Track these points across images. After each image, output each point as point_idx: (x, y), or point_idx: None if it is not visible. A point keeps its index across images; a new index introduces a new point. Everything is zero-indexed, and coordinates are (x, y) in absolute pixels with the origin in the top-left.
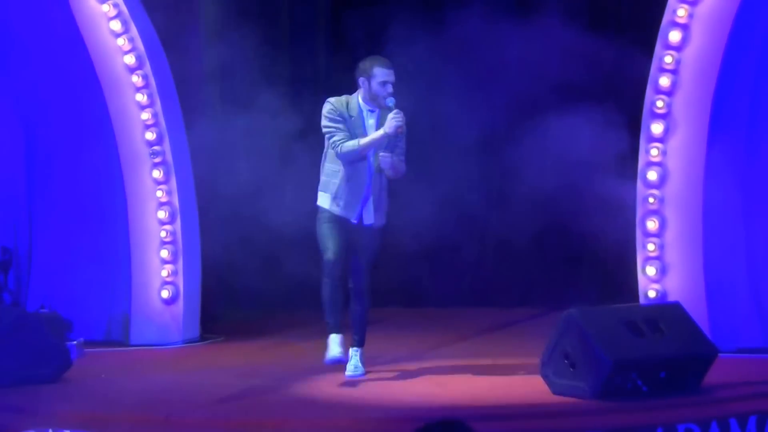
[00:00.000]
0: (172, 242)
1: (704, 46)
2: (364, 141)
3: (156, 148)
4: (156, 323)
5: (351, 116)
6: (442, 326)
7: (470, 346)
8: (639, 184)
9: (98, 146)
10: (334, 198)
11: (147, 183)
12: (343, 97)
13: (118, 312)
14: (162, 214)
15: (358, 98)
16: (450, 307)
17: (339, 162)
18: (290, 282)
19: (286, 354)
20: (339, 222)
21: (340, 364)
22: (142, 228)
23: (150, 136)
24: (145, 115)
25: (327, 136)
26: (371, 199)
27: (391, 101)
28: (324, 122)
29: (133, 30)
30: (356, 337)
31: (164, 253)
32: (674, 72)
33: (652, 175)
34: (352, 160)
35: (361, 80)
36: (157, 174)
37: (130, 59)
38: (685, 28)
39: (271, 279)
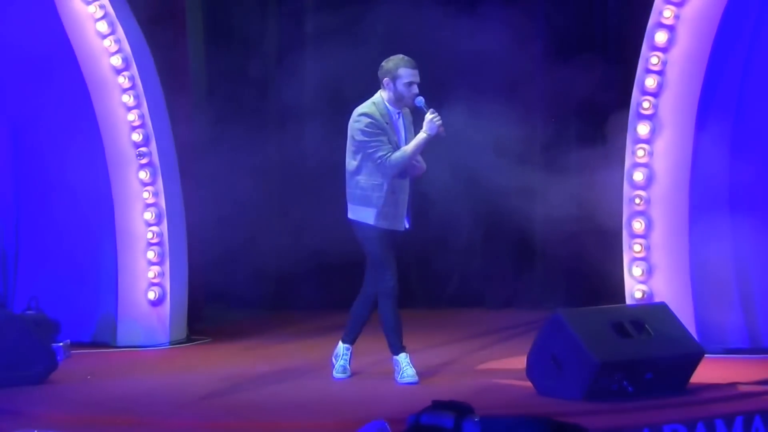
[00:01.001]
0: (159, 243)
1: (690, 47)
2: (409, 149)
3: (143, 149)
4: (142, 324)
5: (387, 123)
6: (428, 327)
7: (457, 347)
8: (625, 185)
9: (85, 147)
10: (381, 212)
11: (133, 184)
12: (373, 105)
13: (104, 313)
14: (148, 216)
15: (384, 102)
16: (436, 308)
17: (379, 174)
18: (277, 283)
19: (272, 355)
20: (388, 236)
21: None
22: (129, 229)
23: (136, 137)
24: (132, 117)
25: (369, 151)
26: (407, 206)
27: (420, 101)
28: (361, 137)
29: (120, 31)
30: (395, 344)
31: (151, 255)
32: (660, 73)
33: (639, 176)
34: (401, 171)
35: (385, 81)
36: (143, 175)
37: (116, 60)
38: (671, 29)
39: (258, 280)
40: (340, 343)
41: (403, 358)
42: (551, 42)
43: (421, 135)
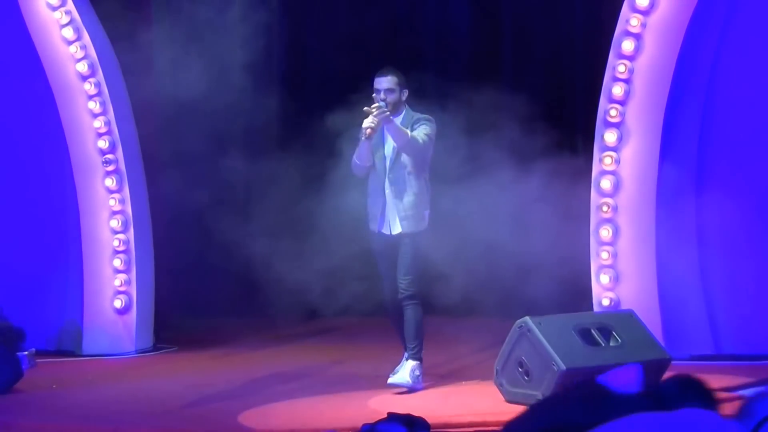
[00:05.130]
0: (125, 251)
1: (657, 55)
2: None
3: (109, 156)
4: (108, 333)
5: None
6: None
7: (426, 355)
8: (592, 192)
9: (50, 154)
10: (367, 216)
11: (100, 192)
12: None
13: (69, 322)
14: (115, 223)
15: None
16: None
17: (370, 179)
18: (245, 290)
19: (239, 363)
20: (381, 244)
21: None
22: (95, 237)
23: (102, 144)
24: (98, 123)
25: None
26: (393, 207)
27: (382, 105)
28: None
29: (86, 37)
30: (407, 350)
31: (117, 263)
32: (627, 81)
33: (606, 184)
34: (360, 169)
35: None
36: (109, 183)
37: (82, 67)
38: (638, 37)
39: (226, 287)
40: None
41: (406, 363)
42: (517, 50)
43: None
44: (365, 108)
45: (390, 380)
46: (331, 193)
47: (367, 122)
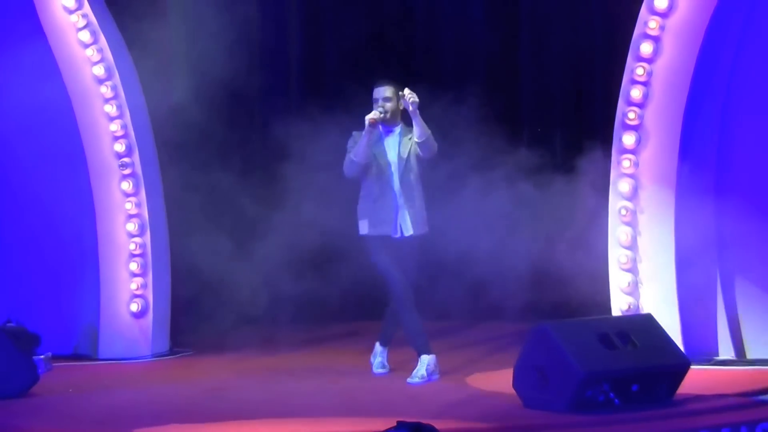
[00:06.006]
0: (142, 255)
1: (676, 58)
2: (360, 143)
3: (125, 159)
4: (125, 337)
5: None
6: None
7: (443, 359)
8: (611, 195)
9: (66, 157)
10: (369, 221)
11: (116, 195)
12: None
13: (86, 325)
14: (131, 227)
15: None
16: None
17: (367, 186)
18: (261, 295)
19: (255, 368)
20: (385, 245)
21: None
22: (111, 241)
23: (119, 147)
24: (114, 127)
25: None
26: (405, 211)
27: (381, 111)
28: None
29: (102, 40)
30: (416, 350)
31: (133, 266)
32: (646, 84)
33: (624, 187)
34: (355, 168)
35: None
36: (126, 186)
37: (98, 70)
38: (656, 40)
39: (243, 292)
40: (377, 344)
41: (423, 359)
42: (536, 52)
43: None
44: (367, 116)
45: (409, 380)
46: (350, 197)
47: (371, 114)
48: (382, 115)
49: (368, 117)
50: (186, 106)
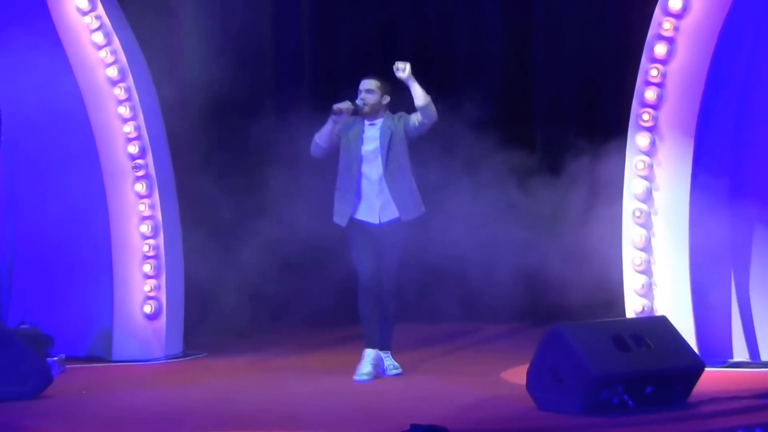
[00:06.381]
0: (155, 257)
1: (690, 59)
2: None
3: (139, 161)
4: (138, 339)
5: (350, 131)
6: (426, 341)
7: (455, 360)
8: (625, 197)
9: (80, 159)
10: (336, 210)
11: (129, 197)
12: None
13: (100, 327)
14: (145, 228)
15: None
16: (434, 322)
17: (339, 177)
18: (275, 297)
19: (268, 370)
20: (364, 232)
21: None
22: (125, 242)
23: (132, 149)
24: (128, 128)
25: None
26: (381, 199)
27: (360, 102)
28: None
29: (116, 42)
30: (380, 341)
31: (147, 268)
32: (660, 85)
33: (638, 189)
34: (319, 150)
35: None
36: (139, 188)
37: (112, 72)
38: (670, 41)
39: (256, 295)
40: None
41: (367, 354)
42: (549, 53)
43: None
44: (335, 105)
45: (391, 373)
46: None
47: (340, 104)
48: (351, 107)
49: (335, 105)
50: (195, 103)
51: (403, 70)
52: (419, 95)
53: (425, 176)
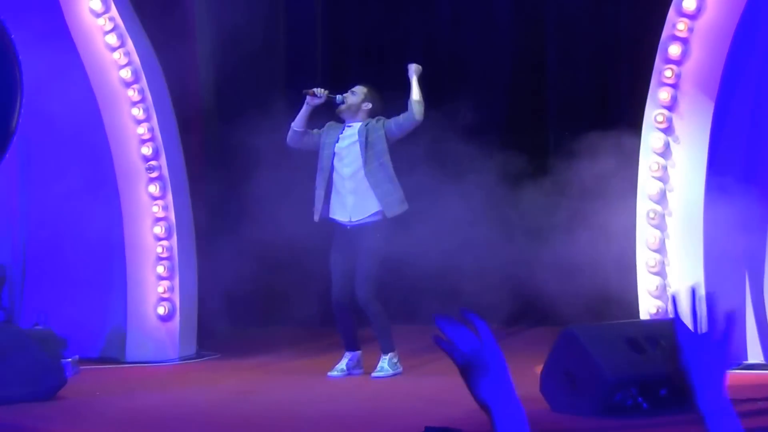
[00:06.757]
0: (168, 258)
1: (704, 60)
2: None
3: (152, 163)
4: (152, 340)
5: (329, 130)
6: (431, 343)
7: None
8: (639, 198)
9: (93, 161)
10: (314, 209)
11: (143, 198)
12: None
13: (113, 329)
14: (158, 230)
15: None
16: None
17: (316, 176)
18: (288, 298)
19: (283, 372)
20: (341, 233)
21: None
22: (138, 244)
23: (146, 150)
24: (141, 130)
25: None
26: (347, 196)
27: (339, 97)
28: None
29: (129, 44)
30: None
31: (160, 269)
32: (674, 86)
33: (652, 190)
34: (294, 135)
35: None
36: (153, 189)
37: (125, 73)
38: (685, 41)
39: (272, 296)
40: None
41: (347, 355)
42: (562, 53)
43: None
44: (305, 90)
45: (373, 375)
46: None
47: (314, 89)
48: (323, 91)
49: (310, 90)
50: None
51: (415, 68)
52: (416, 91)
53: (433, 176)
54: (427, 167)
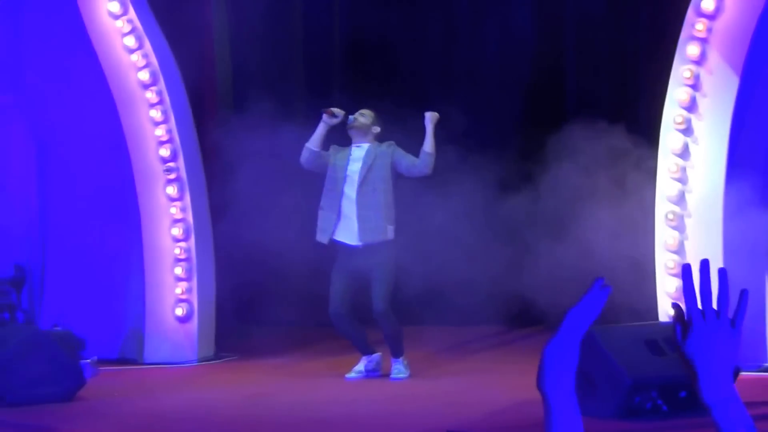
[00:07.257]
0: (186, 259)
1: (723, 60)
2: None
3: (170, 164)
4: (170, 341)
5: (338, 152)
6: (449, 344)
7: (481, 364)
8: (657, 200)
9: (112, 162)
10: (318, 228)
11: (161, 200)
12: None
13: (132, 330)
14: (176, 231)
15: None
16: (456, 325)
17: (323, 196)
18: (307, 300)
19: (300, 373)
20: (346, 253)
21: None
22: (156, 245)
23: (164, 152)
24: (159, 132)
25: None
26: (357, 221)
27: (351, 117)
28: None
29: (147, 46)
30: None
31: (178, 271)
32: (693, 86)
33: (672, 191)
34: (308, 154)
35: None
36: (171, 191)
37: (144, 75)
38: (703, 42)
39: (288, 297)
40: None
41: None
42: (581, 55)
43: None
44: (324, 109)
45: (392, 377)
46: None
47: (334, 108)
48: (341, 111)
49: (329, 109)
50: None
51: (431, 117)
52: (430, 143)
53: (448, 177)
54: (443, 169)
